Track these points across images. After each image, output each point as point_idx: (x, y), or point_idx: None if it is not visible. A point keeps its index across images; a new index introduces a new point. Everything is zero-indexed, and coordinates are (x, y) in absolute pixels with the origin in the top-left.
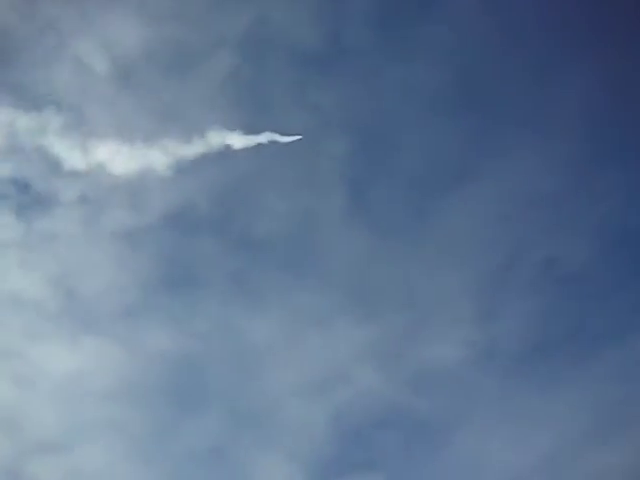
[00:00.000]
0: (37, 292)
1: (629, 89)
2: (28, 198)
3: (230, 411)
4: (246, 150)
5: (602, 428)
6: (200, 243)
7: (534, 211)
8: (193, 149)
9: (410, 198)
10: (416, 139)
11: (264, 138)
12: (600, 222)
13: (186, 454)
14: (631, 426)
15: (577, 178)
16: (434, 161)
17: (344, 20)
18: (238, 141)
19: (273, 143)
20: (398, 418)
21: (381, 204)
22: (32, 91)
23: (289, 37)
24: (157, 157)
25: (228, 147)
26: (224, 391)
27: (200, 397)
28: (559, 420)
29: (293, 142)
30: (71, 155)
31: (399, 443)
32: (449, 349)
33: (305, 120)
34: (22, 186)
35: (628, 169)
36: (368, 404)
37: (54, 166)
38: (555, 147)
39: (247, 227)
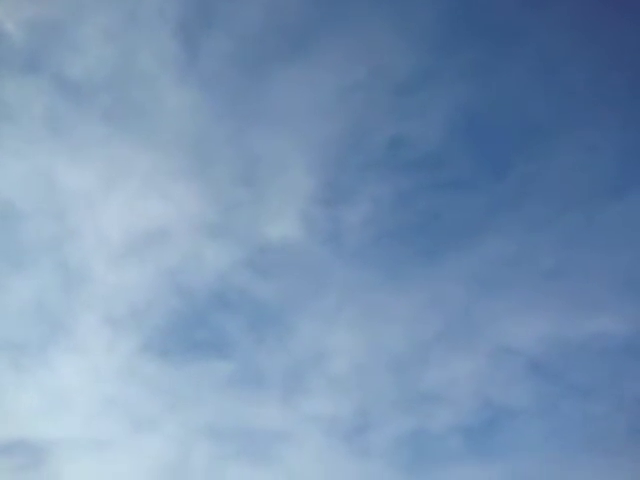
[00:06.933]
0: None
1: None
2: None
3: (50, 266)
4: None
5: (451, 333)
6: (11, 78)
7: (379, 88)
8: None
9: (245, 57)
10: None
11: None
12: (449, 106)
13: (10, 308)
14: (480, 332)
15: (429, 59)
16: (274, 20)
17: None
18: None
19: None
20: (239, 299)
21: (214, 59)
22: None
23: None
24: None
25: None
26: (43, 244)
27: (19, 249)
28: (407, 317)
29: None
30: None
31: (244, 328)
32: (290, 227)
33: None
34: None
35: (484, 52)
36: (200, 275)
37: None
38: (411, 22)
39: (61, 66)
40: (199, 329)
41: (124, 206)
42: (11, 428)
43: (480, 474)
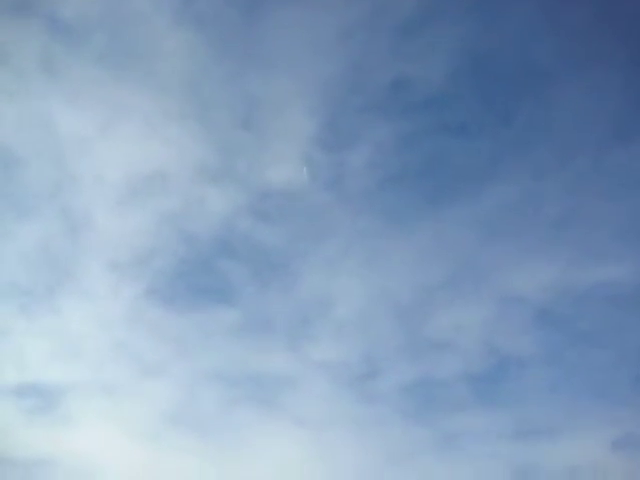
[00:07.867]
0: None
1: None
2: None
3: (52, 212)
4: None
5: (457, 280)
6: (2, 18)
7: (380, 28)
8: None
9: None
10: None
11: None
12: (453, 47)
13: (15, 254)
14: (487, 280)
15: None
16: None
17: None
18: None
19: None
20: (242, 245)
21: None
22: None
23: None
24: None
25: None
26: (43, 190)
27: (20, 196)
28: (413, 263)
29: None
30: None
31: (248, 274)
32: (292, 171)
33: None
34: None
35: None
36: (203, 221)
37: None
38: None
39: (55, 6)
40: (203, 275)
41: (123, 149)
42: (22, 372)
43: (486, 421)
